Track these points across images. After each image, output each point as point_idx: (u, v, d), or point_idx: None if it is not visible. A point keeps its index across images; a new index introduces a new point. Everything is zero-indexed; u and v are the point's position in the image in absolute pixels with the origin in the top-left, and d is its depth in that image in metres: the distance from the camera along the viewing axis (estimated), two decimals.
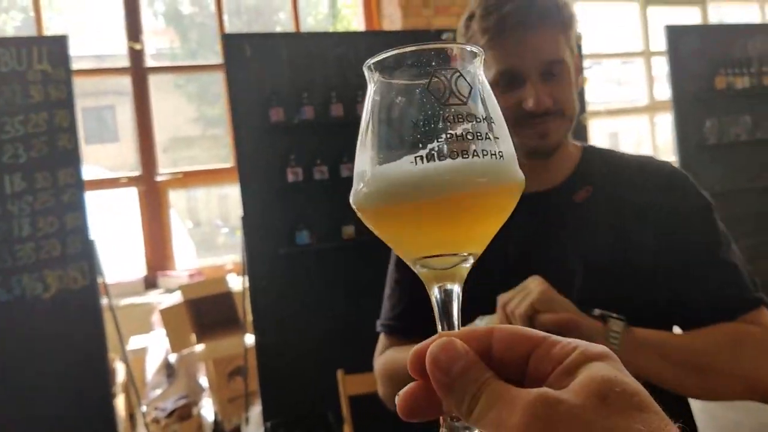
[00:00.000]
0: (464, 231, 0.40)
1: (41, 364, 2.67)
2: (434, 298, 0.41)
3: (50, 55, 2.65)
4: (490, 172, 0.38)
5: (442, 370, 0.36)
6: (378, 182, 0.39)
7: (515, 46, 1.07)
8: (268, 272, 3.01)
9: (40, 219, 2.64)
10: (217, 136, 5.38)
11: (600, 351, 0.34)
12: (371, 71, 0.41)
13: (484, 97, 0.41)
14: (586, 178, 1.15)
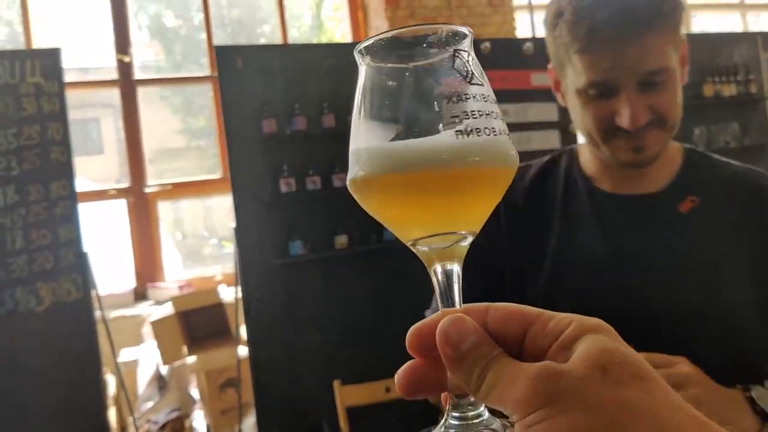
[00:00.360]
0: (461, 209, 0.40)
1: (35, 377, 2.65)
2: (435, 278, 0.42)
3: (43, 68, 2.65)
4: (486, 150, 0.39)
5: (452, 345, 0.36)
6: (375, 162, 0.39)
7: (609, 59, 0.96)
8: (262, 283, 3.02)
9: (33, 231, 2.64)
10: (202, 147, 5.37)
11: (595, 323, 0.35)
12: (363, 55, 0.41)
13: (478, 76, 0.40)
14: (692, 187, 1.06)
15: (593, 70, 0.98)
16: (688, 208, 1.04)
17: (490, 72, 1.61)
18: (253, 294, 3.02)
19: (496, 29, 4.55)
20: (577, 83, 1.01)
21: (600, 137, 1.02)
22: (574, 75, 1.01)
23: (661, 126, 1.00)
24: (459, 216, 0.41)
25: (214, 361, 3.41)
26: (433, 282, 0.42)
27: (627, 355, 0.32)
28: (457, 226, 0.41)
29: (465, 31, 0.40)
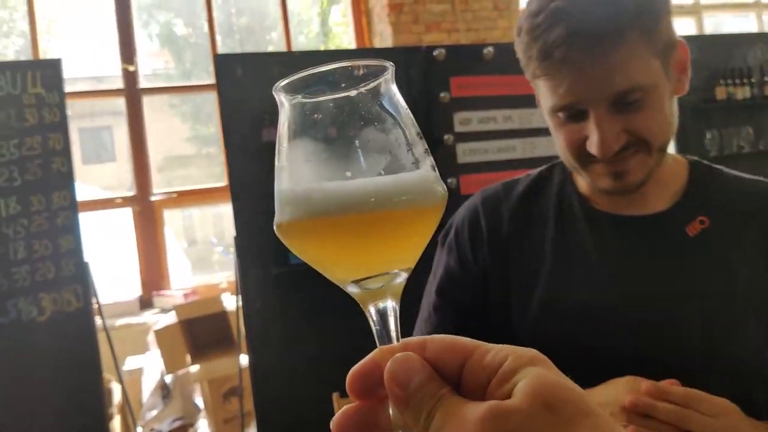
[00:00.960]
0: (392, 249, 0.39)
1: (36, 386, 2.67)
2: (370, 318, 0.41)
3: (44, 78, 2.67)
4: (411, 189, 0.38)
5: (400, 384, 0.36)
6: (297, 206, 0.38)
7: (569, 83, 0.86)
8: (262, 292, 3.02)
9: (35, 242, 2.66)
10: (211, 155, 5.41)
11: (532, 355, 0.35)
12: (284, 94, 0.40)
13: (397, 111, 0.40)
14: (700, 206, 0.95)
15: (555, 93, 0.88)
16: (697, 230, 0.93)
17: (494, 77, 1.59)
18: (254, 303, 3.01)
19: (502, 34, 4.51)
20: (546, 106, 0.92)
21: (577, 163, 0.93)
22: (543, 98, 0.93)
23: (644, 149, 0.89)
24: (388, 257, 0.39)
25: (217, 369, 3.41)
26: (369, 321, 0.41)
27: (570, 389, 0.32)
28: (387, 267, 0.40)
29: (386, 65, 0.39)
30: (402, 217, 0.38)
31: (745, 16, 6.46)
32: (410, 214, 0.38)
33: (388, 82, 0.40)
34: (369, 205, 0.36)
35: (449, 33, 4.43)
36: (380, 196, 0.37)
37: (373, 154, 0.38)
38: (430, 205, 0.39)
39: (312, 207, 0.37)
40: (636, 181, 0.91)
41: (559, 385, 0.32)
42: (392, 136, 0.39)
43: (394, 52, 3.74)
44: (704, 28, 5.78)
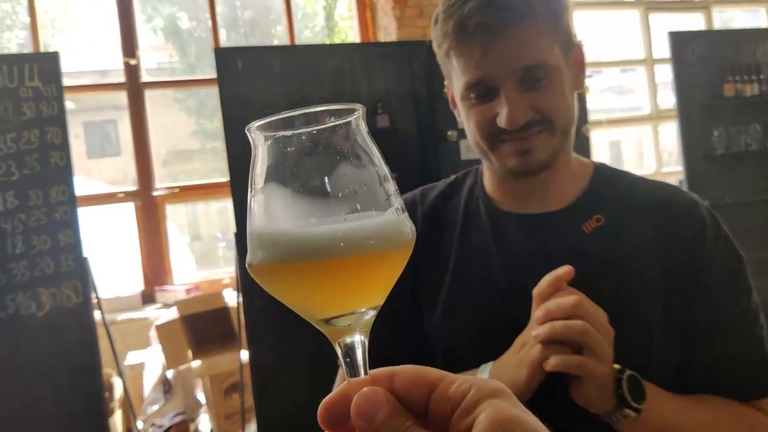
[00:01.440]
0: (360, 291, 0.40)
1: (35, 381, 2.66)
2: (339, 350, 0.41)
3: (42, 71, 2.65)
4: (377, 232, 0.38)
5: (366, 418, 0.36)
6: (268, 248, 0.38)
7: (481, 54, 0.91)
8: (262, 289, 2.99)
9: (34, 237, 2.64)
10: (216, 149, 5.39)
11: (494, 387, 0.35)
12: (256, 134, 0.40)
13: (367, 152, 0.40)
14: (597, 205, 0.99)
15: (467, 71, 0.93)
16: (592, 228, 0.97)
17: None
18: (255, 299, 2.99)
19: None
20: (459, 89, 0.97)
21: (486, 144, 0.97)
22: (456, 81, 0.97)
23: (548, 129, 0.94)
24: (356, 298, 0.40)
25: (218, 365, 3.40)
26: (337, 353, 0.41)
27: (527, 422, 0.33)
28: (355, 307, 0.40)
29: (355, 107, 0.40)
30: (370, 262, 0.38)
31: (756, 12, 6.35)
32: (378, 258, 0.38)
33: (359, 120, 0.40)
34: (336, 251, 0.37)
35: None
36: (348, 242, 0.37)
37: (345, 192, 0.38)
38: (398, 248, 0.39)
39: (280, 252, 0.37)
40: (540, 161, 0.95)
41: (516, 419, 0.33)
42: (365, 174, 0.39)
43: (398, 46, 3.70)
44: (713, 23, 5.69)
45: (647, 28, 5.43)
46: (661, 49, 5.23)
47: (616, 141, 7.25)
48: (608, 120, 5.57)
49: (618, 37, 5.88)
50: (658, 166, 5.40)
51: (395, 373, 0.39)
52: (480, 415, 0.34)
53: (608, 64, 5.71)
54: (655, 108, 5.42)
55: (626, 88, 6.65)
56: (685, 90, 4.04)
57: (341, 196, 0.38)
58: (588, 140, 3.63)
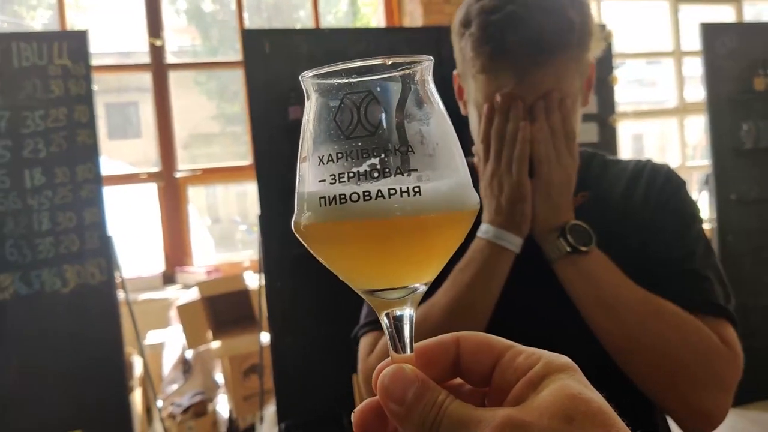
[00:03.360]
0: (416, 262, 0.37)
1: (59, 357, 2.69)
2: (384, 322, 0.38)
3: (70, 50, 2.65)
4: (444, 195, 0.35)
5: (396, 399, 0.34)
6: (321, 208, 0.36)
7: (516, 83, 0.95)
8: (284, 272, 2.99)
9: (59, 214, 2.65)
10: (236, 133, 5.39)
11: (563, 363, 0.34)
12: (310, 84, 0.38)
13: (435, 108, 0.37)
14: (583, 183, 1.07)
15: (496, 88, 0.96)
16: (579, 203, 1.04)
17: None
18: (275, 282, 2.99)
19: None
20: (477, 99, 1.01)
21: None
22: (474, 91, 1.01)
23: None
24: (414, 269, 0.37)
25: (238, 346, 3.41)
26: (383, 325, 0.39)
27: (593, 401, 0.32)
28: (410, 281, 0.37)
29: (422, 59, 0.37)
30: (433, 227, 0.35)
31: None
32: (442, 223, 0.35)
33: (425, 72, 0.37)
34: (398, 213, 0.34)
35: None
36: (410, 204, 0.34)
37: (410, 150, 0.35)
38: (464, 215, 0.37)
39: (334, 210, 0.35)
40: None
41: (582, 397, 0.32)
42: (433, 131, 0.36)
43: (425, 31, 3.65)
44: (744, 16, 5.57)
45: (676, 19, 5.33)
46: (689, 41, 5.13)
47: (639, 134, 7.15)
48: (634, 112, 5.49)
49: (646, 28, 5.78)
50: (682, 159, 5.32)
51: (461, 338, 0.38)
52: (545, 389, 0.32)
53: (636, 55, 5.61)
54: (681, 101, 5.33)
55: (650, 80, 6.54)
56: (715, 83, 3.96)
57: (405, 154, 0.35)
58: (615, 131, 3.57)
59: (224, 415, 3.50)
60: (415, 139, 0.35)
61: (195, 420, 3.29)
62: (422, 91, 0.37)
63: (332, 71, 0.36)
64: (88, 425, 2.68)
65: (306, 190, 0.37)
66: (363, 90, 0.35)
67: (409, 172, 0.35)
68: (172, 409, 3.35)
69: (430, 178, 0.35)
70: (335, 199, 0.35)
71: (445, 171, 0.36)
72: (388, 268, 0.37)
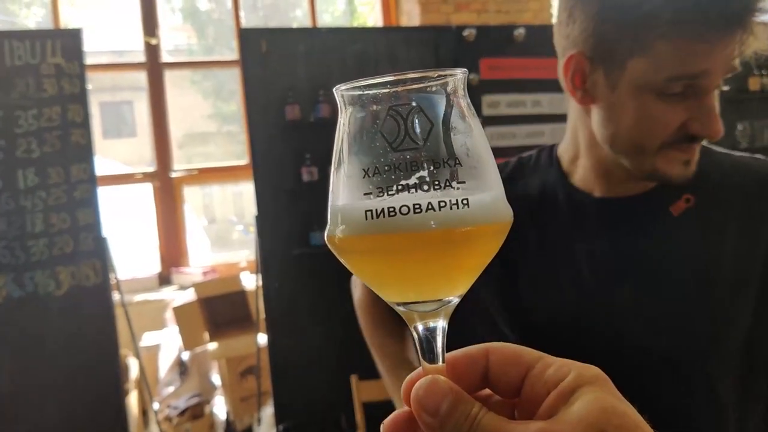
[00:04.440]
0: (449, 276, 0.37)
1: (53, 360, 2.65)
2: (415, 333, 0.38)
3: (64, 48, 2.61)
4: (479, 209, 0.35)
5: (430, 411, 0.34)
6: (338, 226, 0.37)
7: (702, 51, 0.79)
8: (281, 273, 2.97)
9: (53, 215, 2.62)
10: (232, 132, 5.36)
11: (593, 375, 0.34)
12: (344, 96, 0.37)
13: (453, 133, 0.36)
14: (687, 186, 0.90)
15: (686, 60, 0.79)
16: (681, 210, 0.90)
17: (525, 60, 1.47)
18: (273, 283, 2.97)
19: (533, 16, 4.37)
20: (654, 79, 0.82)
21: (656, 146, 0.85)
22: (647, 65, 0.82)
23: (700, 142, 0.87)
24: (453, 281, 0.37)
25: (235, 348, 3.38)
26: (413, 335, 0.39)
27: (626, 415, 0.32)
28: (443, 294, 0.37)
29: (458, 73, 0.37)
30: (478, 237, 0.36)
31: None
32: (476, 237, 0.35)
33: (460, 84, 0.37)
34: (446, 224, 0.34)
35: (479, 13, 4.30)
36: (445, 218, 0.34)
37: (454, 162, 0.35)
38: (504, 224, 0.37)
39: (382, 223, 0.35)
40: (691, 174, 0.88)
41: (616, 411, 0.32)
42: (469, 142, 0.36)
43: (422, 31, 3.63)
44: None
45: None
46: None
47: None
48: None
49: None
50: None
51: (490, 349, 0.38)
52: (576, 402, 0.32)
53: None
54: None
55: None
56: None
57: (453, 166, 0.35)
58: None
59: (221, 417, 3.47)
60: (462, 152, 0.36)
61: (192, 422, 3.26)
62: (463, 103, 0.37)
63: (373, 83, 0.36)
64: (82, 429, 2.65)
65: (347, 203, 0.37)
66: (409, 102, 0.35)
67: (458, 185, 0.35)
68: (168, 412, 3.32)
69: (474, 191, 0.35)
70: (384, 212, 0.34)
71: (487, 183, 0.37)
72: (428, 281, 0.37)
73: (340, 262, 0.39)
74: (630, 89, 0.85)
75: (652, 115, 0.84)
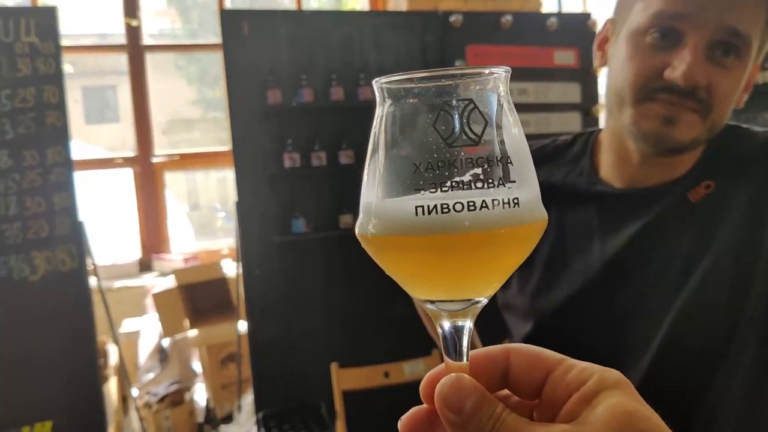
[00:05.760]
0: (473, 282, 0.37)
1: (29, 346, 2.61)
2: (441, 330, 0.38)
3: (38, 27, 2.54)
4: (517, 210, 0.35)
5: (454, 409, 0.34)
6: (380, 222, 0.36)
7: None
8: (262, 260, 2.93)
9: (28, 198, 2.56)
10: (217, 119, 5.29)
11: (616, 378, 0.34)
12: (381, 92, 0.37)
13: (503, 131, 0.36)
14: (709, 170, 0.88)
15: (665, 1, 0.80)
16: (700, 196, 0.86)
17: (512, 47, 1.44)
18: (254, 270, 2.93)
19: (521, 3, 4.33)
20: (640, 19, 0.83)
21: (633, 95, 0.85)
22: (641, 10, 0.84)
23: (702, 115, 0.82)
24: (481, 283, 0.37)
25: (215, 335, 3.36)
26: (438, 331, 0.39)
27: (649, 419, 0.32)
28: (474, 294, 0.37)
29: (503, 72, 0.37)
30: (526, 236, 0.36)
31: None
32: (510, 237, 0.35)
33: (503, 82, 0.37)
34: (498, 222, 0.34)
35: (465, 0, 4.25)
36: (482, 218, 0.34)
37: (507, 160, 0.35)
38: (534, 230, 0.37)
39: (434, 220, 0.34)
40: (678, 140, 0.84)
41: (638, 415, 0.32)
42: (521, 142, 0.37)
43: (409, 16, 3.58)
44: None
45: None
46: None
47: None
48: None
49: None
50: None
51: (512, 350, 0.38)
52: (599, 405, 0.32)
53: None
54: None
55: None
56: None
57: (506, 165, 0.35)
58: (598, 122, 3.55)
59: (201, 404, 3.45)
60: (512, 150, 0.36)
61: (171, 409, 3.23)
62: (509, 101, 0.37)
63: (425, 76, 0.35)
64: (58, 416, 2.61)
65: (392, 198, 0.36)
66: (465, 98, 0.35)
67: (509, 183, 0.35)
68: (147, 398, 3.29)
69: (521, 189, 0.36)
70: (437, 209, 0.34)
71: (530, 181, 0.37)
72: (464, 280, 0.37)
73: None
74: (624, 37, 0.86)
75: (633, 62, 0.84)
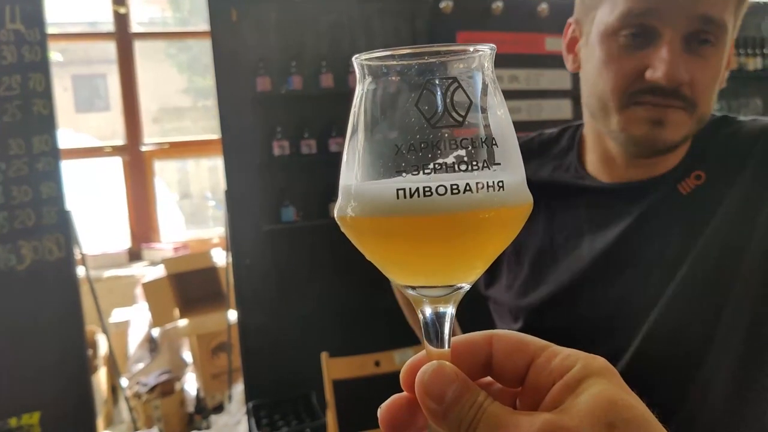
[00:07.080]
0: (455, 268, 0.36)
1: (16, 336, 2.59)
2: (422, 316, 0.37)
3: (24, 14, 2.50)
4: (484, 209, 0.33)
5: (434, 397, 0.33)
6: (359, 205, 0.34)
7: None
8: (252, 249, 2.92)
9: (14, 187, 2.53)
10: (208, 107, 5.26)
11: (600, 366, 0.33)
12: (361, 69, 0.35)
13: (488, 112, 0.35)
14: (699, 161, 0.86)
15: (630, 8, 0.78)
16: (690, 187, 0.85)
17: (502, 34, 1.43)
18: (243, 259, 2.92)
19: None
20: (609, 20, 0.81)
21: (617, 101, 0.82)
22: (609, 10, 0.81)
23: (688, 110, 0.80)
24: (464, 268, 0.36)
25: (206, 324, 3.35)
26: (419, 317, 0.37)
27: (634, 408, 0.31)
28: (456, 280, 0.36)
29: (488, 49, 0.35)
30: (511, 219, 0.35)
31: None
32: (495, 219, 0.34)
33: (488, 60, 0.35)
34: (482, 206, 0.33)
35: None
36: (446, 217, 0.33)
37: (492, 142, 0.34)
38: (529, 206, 0.36)
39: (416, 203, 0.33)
40: (669, 140, 0.82)
41: (623, 404, 0.31)
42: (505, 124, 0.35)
43: (399, 2, 3.55)
44: None
45: None
46: None
47: None
48: None
49: None
50: None
51: (495, 337, 0.37)
52: (583, 393, 0.32)
53: None
54: None
55: None
56: None
57: (491, 147, 0.34)
58: None
59: (192, 394, 3.45)
60: (497, 132, 0.34)
61: (161, 399, 3.23)
62: (495, 81, 0.36)
63: (407, 53, 0.34)
64: (46, 407, 2.60)
65: (372, 180, 0.34)
66: (449, 77, 0.33)
67: (494, 166, 0.34)
68: (137, 389, 3.28)
69: (506, 172, 0.34)
70: (419, 191, 0.32)
71: (515, 164, 0.35)
72: (446, 265, 0.36)
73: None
74: (595, 39, 0.84)
75: (610, 66, 0.82)
